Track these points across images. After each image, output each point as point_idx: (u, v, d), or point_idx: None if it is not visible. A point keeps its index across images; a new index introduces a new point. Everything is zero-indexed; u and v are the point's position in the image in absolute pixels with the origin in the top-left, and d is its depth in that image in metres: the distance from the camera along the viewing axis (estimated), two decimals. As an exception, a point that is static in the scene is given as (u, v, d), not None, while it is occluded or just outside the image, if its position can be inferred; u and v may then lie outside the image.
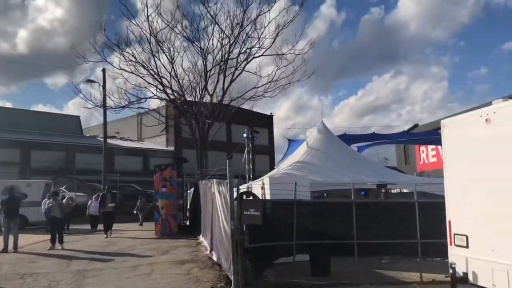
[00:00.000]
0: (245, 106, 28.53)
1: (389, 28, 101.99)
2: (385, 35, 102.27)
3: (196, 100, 26.55)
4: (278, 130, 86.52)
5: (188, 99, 27.07)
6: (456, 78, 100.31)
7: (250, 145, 22.12)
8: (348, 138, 21.49)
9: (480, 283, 6.84)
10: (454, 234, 7.41)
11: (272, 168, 31.50)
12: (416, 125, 46.12)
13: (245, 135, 22.36)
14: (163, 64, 26.22)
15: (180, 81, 26.61)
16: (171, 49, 26.09)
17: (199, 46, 26.49)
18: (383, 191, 14.18)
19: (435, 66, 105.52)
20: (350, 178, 13.16)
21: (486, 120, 6.72)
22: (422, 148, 38.66)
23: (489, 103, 7.09)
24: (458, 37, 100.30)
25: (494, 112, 6.64)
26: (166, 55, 26.12)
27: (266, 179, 13.56)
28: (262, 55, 26.18)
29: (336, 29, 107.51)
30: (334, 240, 10.23)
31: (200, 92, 26.56)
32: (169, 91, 26.72)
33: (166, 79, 26.42)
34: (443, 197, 7.76)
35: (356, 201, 10.51)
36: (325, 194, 15.27)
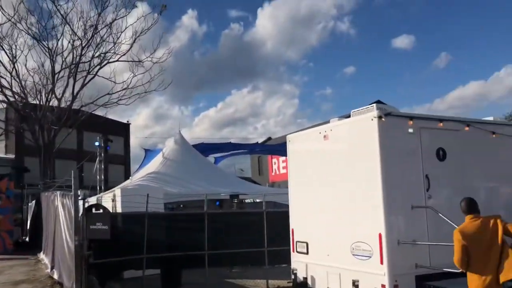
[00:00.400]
0: (99, 113, 27.04)
1: (248, 45, 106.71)
2: (244, 51, 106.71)
3: (42, 104, 24.31)
4: (135, 139, 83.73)
5: (32, 102, 24.66)
6: (305, 96, 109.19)
7: (103, 154, 20.95)
8: (205, 147, 21.75)
9: (317, 287, 7.44)
10: (296, 242, 7.95)
11: (127, 178, 30.31)
12: (269, 138, 48.83)
13: (97, 143, 21.11)
14: (2, 63, 23.54)
15: (23, 82, 24.16)
16: (13, 46, 23.57)
17: (46, 45, 24.40)
18: (235, 201, 14.62)
19: (288, 84, 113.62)
20: (205, 188, 13.27)
21: (324, 136, 7.38)
22: (274, 159, 41.03)
23: (328, 121, 7.82)
24: (307, 59, 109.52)
25: (331, 130, 7.32)
26: (6, 52, 23.50)
27: (117, 190, 12.95)
28: (117, 60, 25.18)
29: (198, 40, 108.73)
30: (186, 251, 10.16)
31: (46, 96, 24.42)
32: (8, 92, 24.05)
33: (5, 79, 23.75)
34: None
35: (208, 212, 10.62)
36: (181, 206, 15.15)
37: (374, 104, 7.07)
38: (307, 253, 7.65)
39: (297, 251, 7.91)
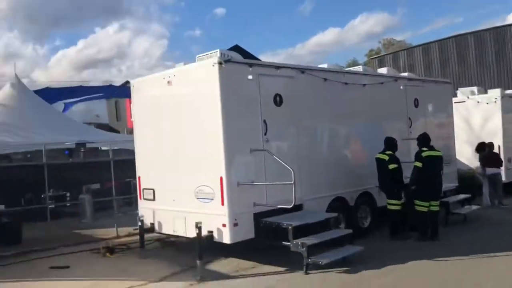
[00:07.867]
0: None
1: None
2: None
3: None
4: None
5: None
6: (175, 37, 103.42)
7: None
8: (51, 93, 19.81)
9: (164, 231, 7.55)
10: (143, 189, 7.87)
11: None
12: (127, 82, 46.44)
13: None
14: None
15: None
16: None
17: None
18: (82, 150, 13.72)
19: (157, 24, 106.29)
20: (47, 137, 12.17)
21: (168, 82, 7.21)
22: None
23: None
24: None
25: (174, 75, 7.18)
26: None
27: None
28: None
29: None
30: (27, 206, 9.36)
31: None
32: None
33: None
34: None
35: (48, 163, 9.85)
36: (29, 155, 13.66)
37: (218, 50, 7.04)
38: (153, 199, 7.64)
39: (144, 198, 7.85)
